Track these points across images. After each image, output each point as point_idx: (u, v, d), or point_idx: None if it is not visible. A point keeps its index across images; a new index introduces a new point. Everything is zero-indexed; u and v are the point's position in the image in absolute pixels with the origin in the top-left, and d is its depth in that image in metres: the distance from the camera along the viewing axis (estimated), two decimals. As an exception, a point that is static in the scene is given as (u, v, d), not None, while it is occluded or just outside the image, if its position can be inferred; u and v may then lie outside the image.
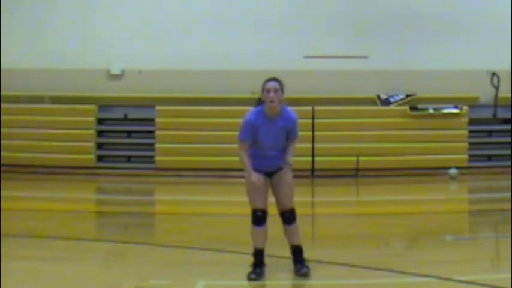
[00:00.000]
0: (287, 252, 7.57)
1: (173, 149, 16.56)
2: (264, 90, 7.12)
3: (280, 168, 7.14)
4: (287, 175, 7.15)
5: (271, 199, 7.31)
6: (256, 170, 7.03)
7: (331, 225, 10.68)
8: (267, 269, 7.27)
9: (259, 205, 7.06)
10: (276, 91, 7.09)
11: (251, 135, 7.03)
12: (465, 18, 16.93)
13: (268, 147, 7.09)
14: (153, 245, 8.94)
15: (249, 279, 7.01)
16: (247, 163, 7.02)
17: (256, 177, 6.93)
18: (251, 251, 7.28)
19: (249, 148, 7.08)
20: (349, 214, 11.75)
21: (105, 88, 17.07)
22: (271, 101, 7.04)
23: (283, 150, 7.15)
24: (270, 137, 7.05)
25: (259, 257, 7.16)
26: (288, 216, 7.20)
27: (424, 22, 17.02)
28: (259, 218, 7.08)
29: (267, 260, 7.33)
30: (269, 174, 7.16)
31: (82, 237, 9.23)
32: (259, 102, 7.21)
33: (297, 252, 7.25)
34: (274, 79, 7.28)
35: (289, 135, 7.14)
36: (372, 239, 9.40)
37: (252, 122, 7.07)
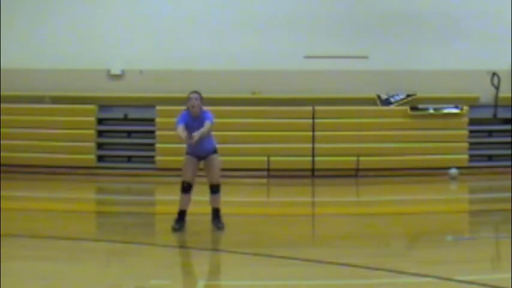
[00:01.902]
0: (288, 253, 7.58)
1: (173, 149, 16.51)
2: (188, 99, 9.72)
3: (209, 154, 9.71)
4: (215, 159, 9.76)
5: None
6: (191, 154, 9.67)
7: (331, 225, 10.68)
8: (267, 269, 7.29)
9: (188, 178, 9.60)
10: (196, 99, 9.72)
11: (183, 123, 9.57)
12: (465, 18, 16.93)
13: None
14: (153, 245, 8.93)
15: (173, 229, 9.44)
16: (183, 134, 9.45)
17: (192, 136, 9.32)
18: (253, 249, 7.57)
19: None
20: (349, 214, 11.74)
21: (105, 88, 17.08)
22: (193, 107, 9.68)
23: (207, 139, 9.71)
24: (195, 129, 9.46)
25: (182, 215, 9.61)
26: (215, 189, 9.68)
27: (424, 22, 17.02)
28: (185, 188, 9.59)
29: (267, 259, 7.40)
30: (201, 158, 9.71)
31: (82, 237, 9.23)
32: (187, 108, 9.71)
33: (215, 212, 9.70)
34: (196, 92, 9.83)
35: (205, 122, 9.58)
36: (372, 239, 9.40)
37: (183, 117, 9.66)
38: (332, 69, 16.87)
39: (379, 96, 16.92)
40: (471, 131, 16.84)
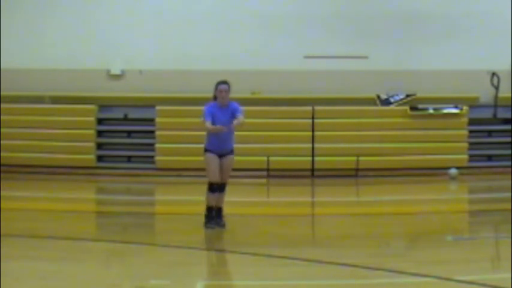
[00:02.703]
0: (288, 253, 7.59)
1: (173, 149, 16.56)
2: (217, 90, 9.77)
3: (229, 152, 9.71)
4: (231, 159, 9.77)
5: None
6: (213, 151, 9.58)
7: (331, 225, 10.69)
8: (267, 269, 7.31)
9: (215, 179, 9.59)
10: (226, 91, 9.75)
11: (210, 117, 9.58)
12: (465, 18, 16.93)
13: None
14: (153, 245, 8.94)
15: (207, 227, 9.54)
16: (211, 127, 9.48)
17: (218, 126, 9.46)
18: (252, 250, 7.63)
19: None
20: (349, 214, 11.75)
21: (105, 88, 17.08)
22: (222, 98, 9.73)
23: (231, 138, 9.73)
24: (223, 120, 9.56)
25: (211, 212, 9.65)
26: (223, 187, 9.75)
27: (424, 22, 17.02)
28: (214, 188, 9.59)
29: (267, 259, 7.51)
30: (221, 156, 9.63)
31: (82, 237, 9.23)
32: (214, 98, 9.80)
33: (219, 211, 9.72)
34: (225, 82, 9.86)
35: (235, 114, 9.67)
36: (372, 239, 9.40)
37: (210, 109, 9.69)
38: (332, 69, 16.87)
39: (378, 96, 16.93)
40: (471, 131, 16.84)
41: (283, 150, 16.43)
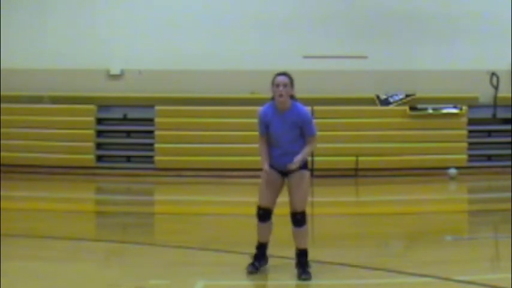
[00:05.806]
0: (288, 253, 7.58)
1: (173, 149, 16.56)
2: (273, 84, 7.04)
3: (298, 169, 7.05)
4: (303, 178, 7.11)
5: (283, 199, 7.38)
6: (273, 168, 7.21)
7: (331, 225, 10.68)
8: (267, 269, 7.30)
9: (264, 203, 7.28)
10: (284, 85, 7.02)
11: (264, 128, 7.21)
12: (465, 19, 16.93)
13: (280, 141, 7.12)
14: (153, 245, 8.93)
15: (248, 272, 7.16)
16: (263, 155, 7.24)
17: (266, 169, 7.13)
18: (252, 250, 7.44)
19: (266, 142, 7.29)
20: (349, 214, 11.75)
21: (104, 88, 17.07)
22: (280, 96, 7.00)
23: (301, 147, 7.08)
24: (282, 131, 7.09)
25: (260, 250, 7.30)
26: (298, 219, 7.13)
27: (424, 22, 17.02)
28: (261, 215, 7.30)
29: (268, 260, 7.43)
30: (286, 173, 7.15)
31: (82, 237, 9.23)
32: (273, 97, 7.14)
33: (301, 256, 7.11)
34: (284, 73, 7.13)
35: (303, 131, 7.12)
36: (372, 239, 9.40)
37: (262, 116, 7.20)
38: (331, 69, 16.87)
39: (378, 96, 16.93)
40: (470, 131, 16.85)
41: (282, 150, 16.39)
